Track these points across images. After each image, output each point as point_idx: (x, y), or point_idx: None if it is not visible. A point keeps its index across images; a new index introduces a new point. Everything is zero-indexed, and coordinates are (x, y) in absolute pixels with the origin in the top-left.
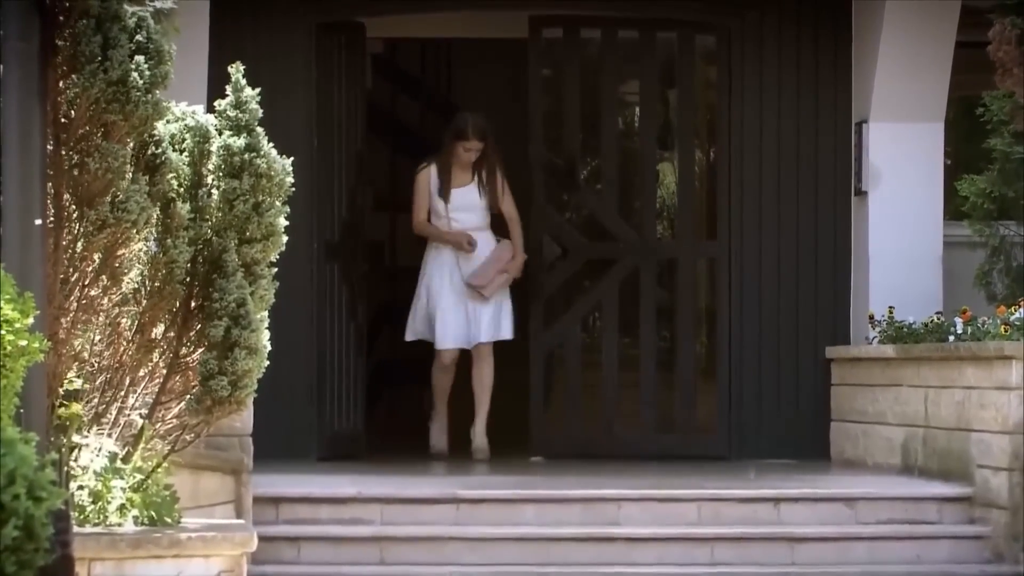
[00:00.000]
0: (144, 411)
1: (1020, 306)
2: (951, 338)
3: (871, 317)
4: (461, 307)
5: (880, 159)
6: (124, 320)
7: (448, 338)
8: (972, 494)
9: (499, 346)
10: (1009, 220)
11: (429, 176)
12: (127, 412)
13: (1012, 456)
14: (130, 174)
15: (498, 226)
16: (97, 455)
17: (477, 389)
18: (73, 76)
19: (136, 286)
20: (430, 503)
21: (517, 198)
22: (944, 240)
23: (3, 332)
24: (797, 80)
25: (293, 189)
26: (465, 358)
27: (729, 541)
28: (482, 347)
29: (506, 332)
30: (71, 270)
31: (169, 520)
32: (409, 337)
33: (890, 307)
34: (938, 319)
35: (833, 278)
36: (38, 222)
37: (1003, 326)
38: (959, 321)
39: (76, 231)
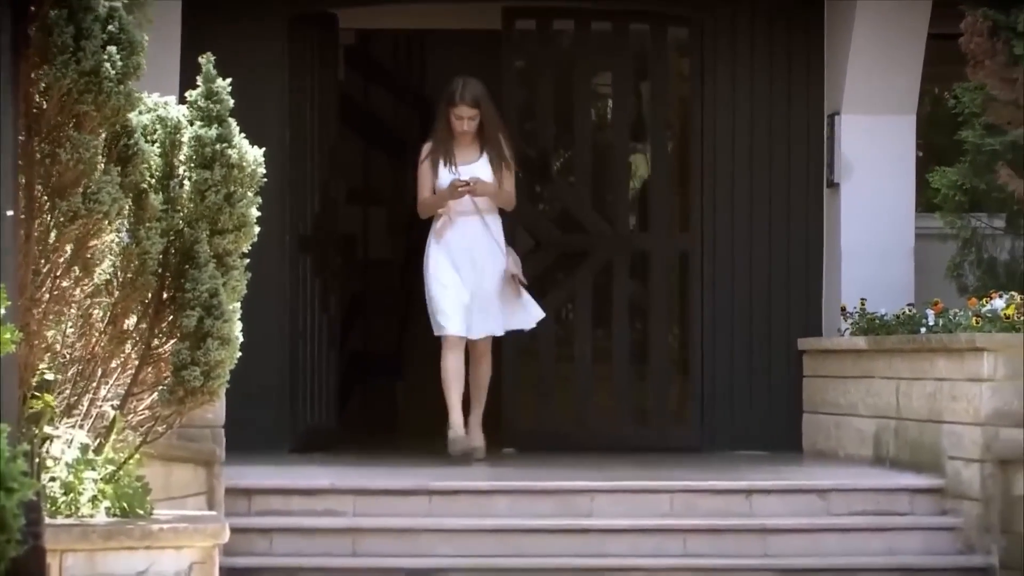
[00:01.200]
0: (116, 402)
1: (991, 298)
2: (923, 330)
3: (843, 309)
4: (465, 293)
5: (852, 151)
6: (96, 311)
7: (456, 324)
8: (944, 486)
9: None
10: (980, 212)
11: (427, 153)
12: (99, 403)
13: (983, 448)
14: (102, 165)
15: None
16: (69, 446)
17: (473, 386)
18: (45, 67)
19: (108, 277)
20: (403, 495)
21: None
22: (916, 232)
23: None
24: (769, 72)
25: (265, 180)
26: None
27: (702, 533)
28: (481, 343)
29: (499, 329)
30: (43, 261)
31: (141, 512)
32: (442, 330)
33: (862, 299)
34: (910, 311)
35: (805, 270)
36: (10, 213)
37: (975, 318)
38: (931, 313)
39: (48, 222)
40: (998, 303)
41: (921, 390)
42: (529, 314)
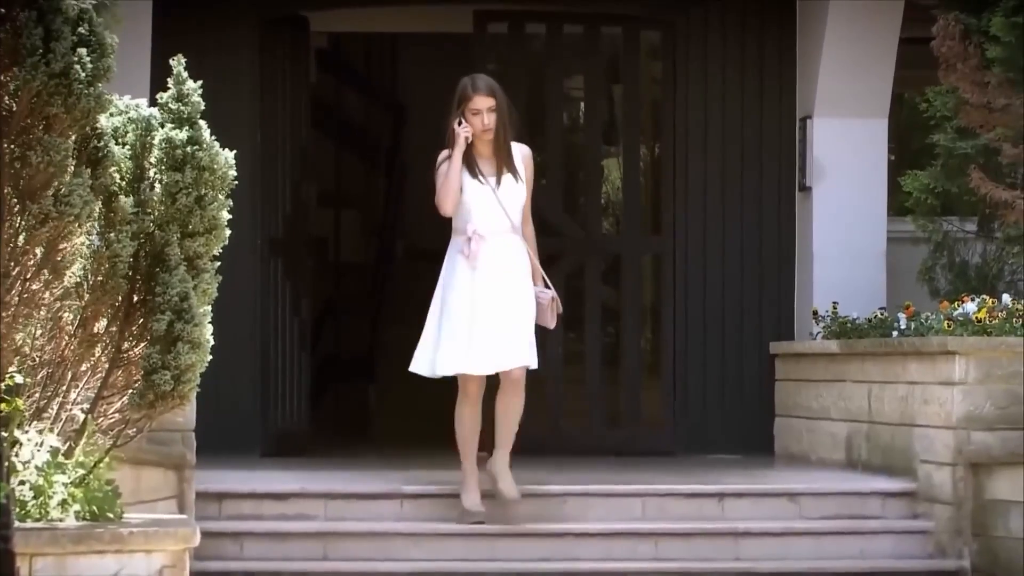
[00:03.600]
0: (86, 406)
1: (963, 302)
2: (895, 334)
3: (815, 313)
4: (494, 322)
5: (824, 155)
6: (66, 314)
7: (478, 362)
8: (915, 489)
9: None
10: (952, 216)
11: (442, 159)
12: (69, 407)
13: (955, 451)
14: (72, 167)
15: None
16: (38, 450)
17: (501, 421)
18: (14, 69)
19: (78, 280)
20: (375, 498)
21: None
22: (888, 236)
23: None
24: (742, 76)
25: (236, 183)
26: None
27: (674, 536)
28: (516, 372)
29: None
30: (12, 264)
31: (111, 515)
32: (425, 370)
33: (834, 302)
34: (882, 315)
35: (777, 273)
36: None
37: (946, 321)
38: (902, 317)
39: (17, 225)
40: (970, 307)
41: (893, 394)
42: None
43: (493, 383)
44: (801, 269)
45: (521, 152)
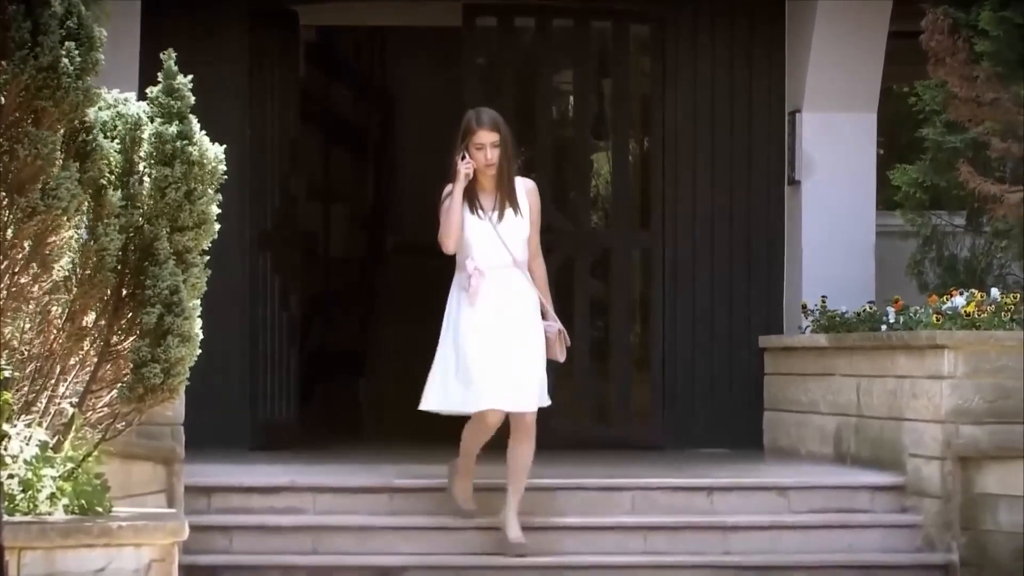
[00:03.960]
0: (75, 400)
1: (952, 295)
2: (883, 327)
3: (804, 307)
4: (502, 359)
5: (813, 149)
6: (55, 308)
7: (496, 398)
8: (904, 483)
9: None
10: (941, 210)
11: (446, 193)
12: (58, 400)
13: (944, 445)
14: (61, 161)
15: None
16: (27, 444)
17: (512, 468)
18: (2, 63)
19: (67, 274)
20: (364, 492)
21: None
22: (877, 229)
23: None
24: (731, 70)
25: (225, 177)
26: None
27: (663, 530)
28: (528, 416)
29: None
30: (0, 257)
31: (100, 509)
32: (435, 406)
33: (823, 296)
34: (870, 308)
35: (766, 268)
36: None
37: (935, 315)
38: (891, 310)
39: (5, 218)
40: (958, 300)
41: (882, 387)
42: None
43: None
44: (790, 263)
45: (525, 187)
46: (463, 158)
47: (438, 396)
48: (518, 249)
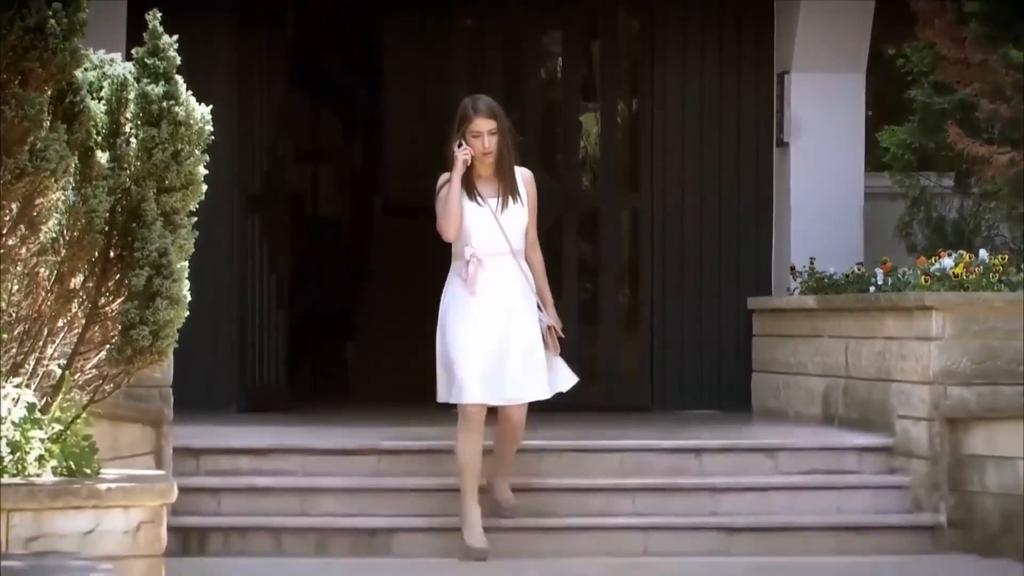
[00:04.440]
0: (63, 361)
1: (940, 257)
2: (872, 289)
3: (792, 268)
4: (496, 351)
5: (802, 110)
6: (42, 270)
7: (476, 390)
8: (892, 444)
9: (423, 302)
10: (929, 171)
11: (443, 182)
12: (46, 362)
13: (932, 406)
14: (48, 122)
15: None
16: (15, 405)
17: (499, 453)
18: None
19: (55, 236)
20: (352, 454)
21: (439, 154)
22: (865, 191)
23: None
24: (720, 32)
25: (213, 138)
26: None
27: (651, 492)
28: (517, 410)
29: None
30: None
31: (88, 471)
32: (460, 397)
33: (811, 258)
34: (859, 270)
35: (755, 229)
36: None
37: (923, 277)
38: (880, 272)
39: None
40: (947, 262)
41: (870, 349)
42: (560, 375)
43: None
44: (779, 225)
45: (523, 175)
46: (460, 146)
47: (443, 389)
48: (516, 238)
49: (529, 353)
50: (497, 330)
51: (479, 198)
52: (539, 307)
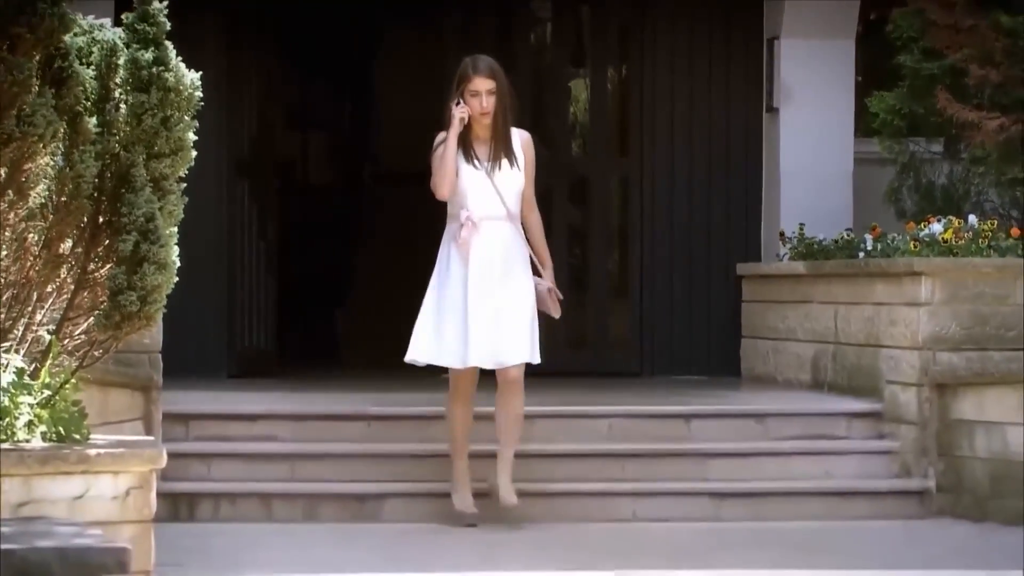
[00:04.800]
0: (52, 327)
1: (929, 222)
2: (861, 255)
3: (782, 234)
4: (489, 314)
5: (791, 76)
6: (31, 235)
7: (468, 354)
8: (881, 410)
9: (413, 268)
10: (919, 137)
11: (439, 141)
12: (35, 328)
13: (921, 372)
14: (37, 87)
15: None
16: (4, 371)
17: (502, 425)
18: None
19: (43, 201)
20: (341, 420)
21: (429, 120)
22: (855, 157)
23: None
24: None
25: (202, 104)
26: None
27: (641, 457)
28: (513, 370)
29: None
30: None
31: (78, 436)
32: (419, 357)
33: (800, 224)
34: (848, 236)
35: (744, 195)
36: None
37: (912, 242)
38: (869, 238)
39: None
40: (936, 227)
41: (859, 315)
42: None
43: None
44: (768, 191)
45: (521, 138)
46: (457, 104)
47: (421, 347)
48: (512, 201)
49: (521, 318)
50: (490, 294)
51: (476, 160)
52: (535, 270)
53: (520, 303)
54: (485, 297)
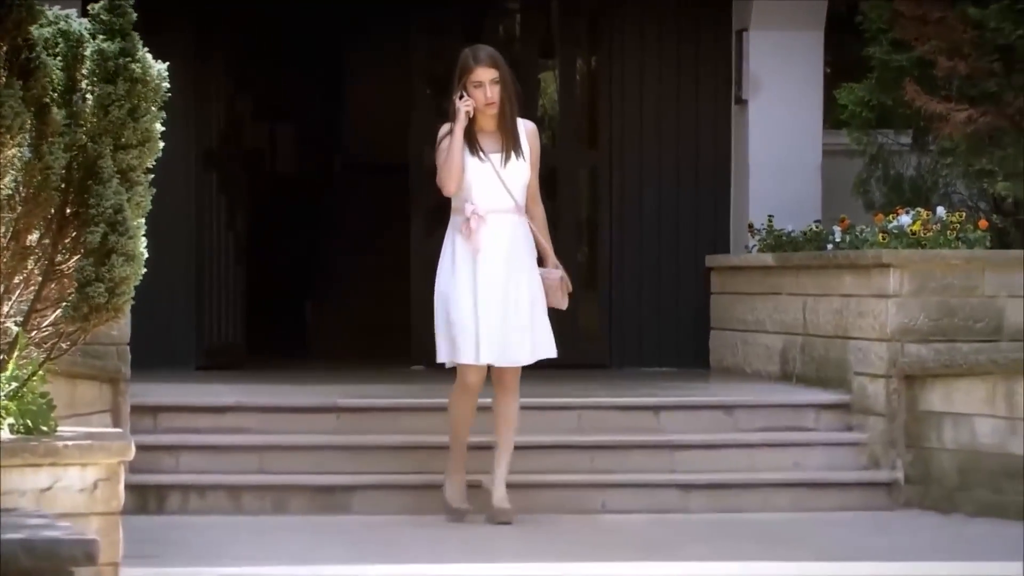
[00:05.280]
0: (19, 319)
1: (898, 214)
2: (830, 246)
3: (750, 226)
4: (499, 310)
5: (760, 68)
6: None
7: (478, 352)
8: (849, 401)
9: (389, 258)
10: (887, 128)
11: (444, 133)
12: (2, 320)
13: (889, 363)
14: (4, 79)
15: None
16: None
17: (501, 426)
18: None
19: (10, 192)
20: (310, 412)
21: (399, 113)
22: (823, 148)
23: None
24: None
25: (169, 95)
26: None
27: (609, 449)
28: (510, 371)
29: (549, 349)
30: None
31: (45, 429)
32: (460, 357)
33: (769, 216)
34: (817, 227)
35: (713, 187)
36: None
37: (881, 234)
38: (837, 229)
39: None
40: (904, 219)
41: (828, 306)
42: (539, 343)
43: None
44: (737, 182)
45: (525, 127)
46: (461, 97)
47: (444, 349)
48: (519, 194)
49: (527, 315)
50: (499, 289)
51: (481, 153)
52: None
53: (529, 299)
54: (495, 292)
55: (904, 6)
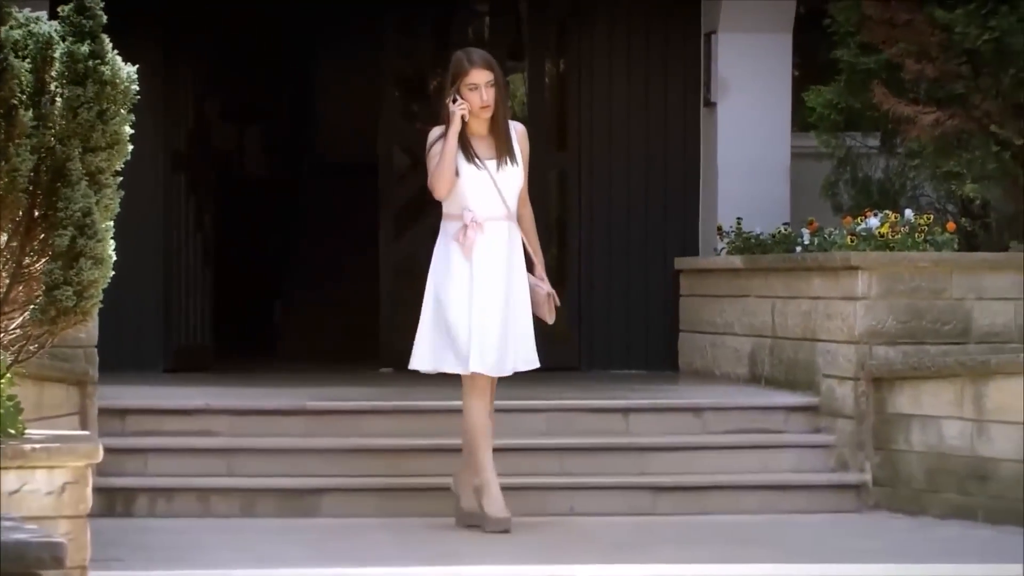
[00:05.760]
0: None
1: (866, 216)
2: (798, 249)
3: (719, 228)
4: (497, 320)
5: (729, 70)
6: None
7: (485, 359)
8: (818, 403)
9: (351, 261)
10: (855, 131)
11: (436, 137)
12: None
13: (857, 365)
14: None
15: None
16: None
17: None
18: None
19: None
20: (279, 415)
21: (368, 112)
22: (791, 151)
23: None
24: None
25: (138, 97)
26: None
27: (578, 451)
28: (493, 380)
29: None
30: None
31: (13, 431)
32: (424, 366)
33: (738, 218)
34: (785, 230)
35: (682, 189)
36: None
37: (849, 236)
38: (806, 232)
39: None
40: (873, 222)
41: (796, 309)
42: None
43: None
44: (705, 185)
45: (516, 130)
46: (455, 101)
47: (427, 355)
48: (512, 200)
49: (519, 325)
50: (498, 298)
51: (476, 159)
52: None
53: (523, 309)
54: (492, 301)
55: (872, 9)
